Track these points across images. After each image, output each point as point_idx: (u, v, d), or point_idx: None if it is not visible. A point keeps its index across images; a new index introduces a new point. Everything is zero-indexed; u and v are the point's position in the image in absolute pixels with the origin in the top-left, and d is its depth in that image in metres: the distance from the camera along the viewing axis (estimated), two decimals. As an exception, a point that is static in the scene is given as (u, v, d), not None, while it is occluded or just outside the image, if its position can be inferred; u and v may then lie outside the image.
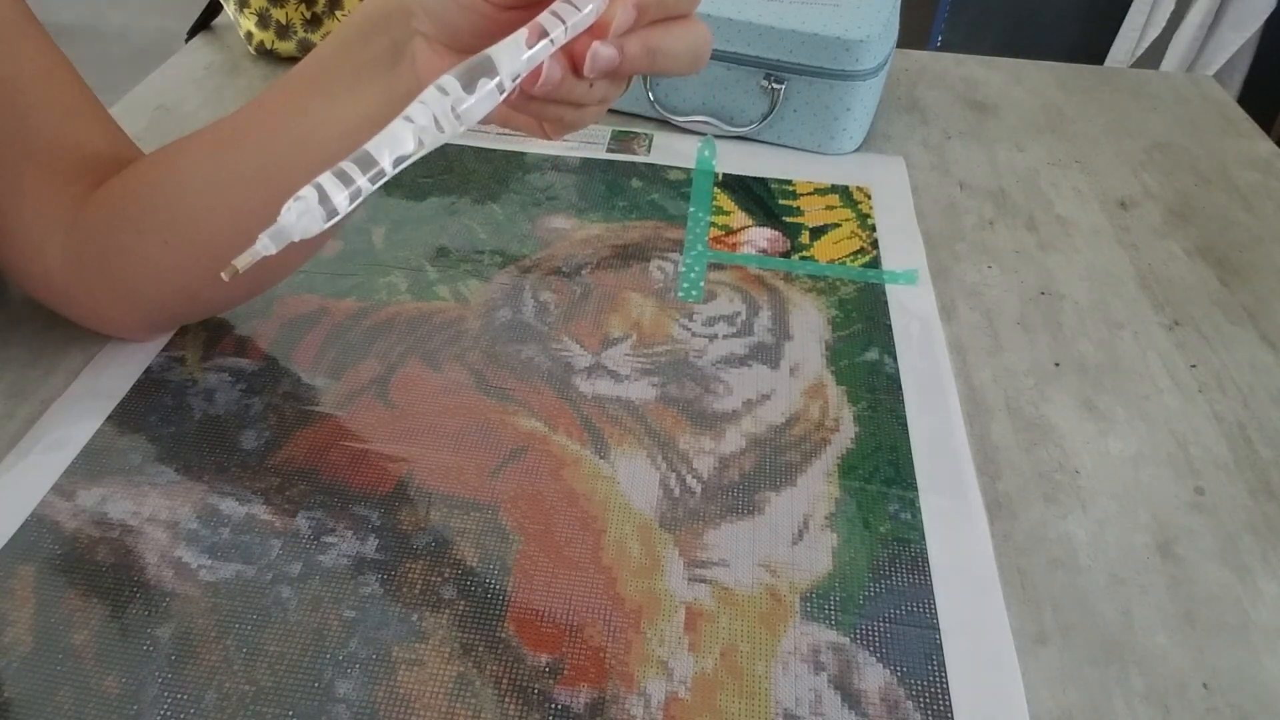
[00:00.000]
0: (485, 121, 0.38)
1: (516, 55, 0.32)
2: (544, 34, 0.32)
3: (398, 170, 0.31)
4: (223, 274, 0.29)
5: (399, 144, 0.31)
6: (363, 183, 0.30)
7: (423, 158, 0.32)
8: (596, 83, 0.35)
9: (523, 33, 0.32)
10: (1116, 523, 0.45)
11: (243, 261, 0.29)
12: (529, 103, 0.35)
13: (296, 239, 0.29)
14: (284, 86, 0.42)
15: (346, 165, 0.30)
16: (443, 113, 0.31)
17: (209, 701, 0.36)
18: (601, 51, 0.33)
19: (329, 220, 0.30)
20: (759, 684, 0.37)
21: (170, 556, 0.41)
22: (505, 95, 0.32)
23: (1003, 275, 0.60)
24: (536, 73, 0.33)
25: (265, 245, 0.29)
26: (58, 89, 0.47)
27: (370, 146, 0.30)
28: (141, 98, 0.75)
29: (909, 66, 0.84)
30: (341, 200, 0.30)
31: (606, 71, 0.34)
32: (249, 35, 0.79)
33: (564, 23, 0.32)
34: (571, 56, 0.33)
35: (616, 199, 0.65)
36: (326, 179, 0.30)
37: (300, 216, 0.29)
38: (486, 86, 0.32)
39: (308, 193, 0.29)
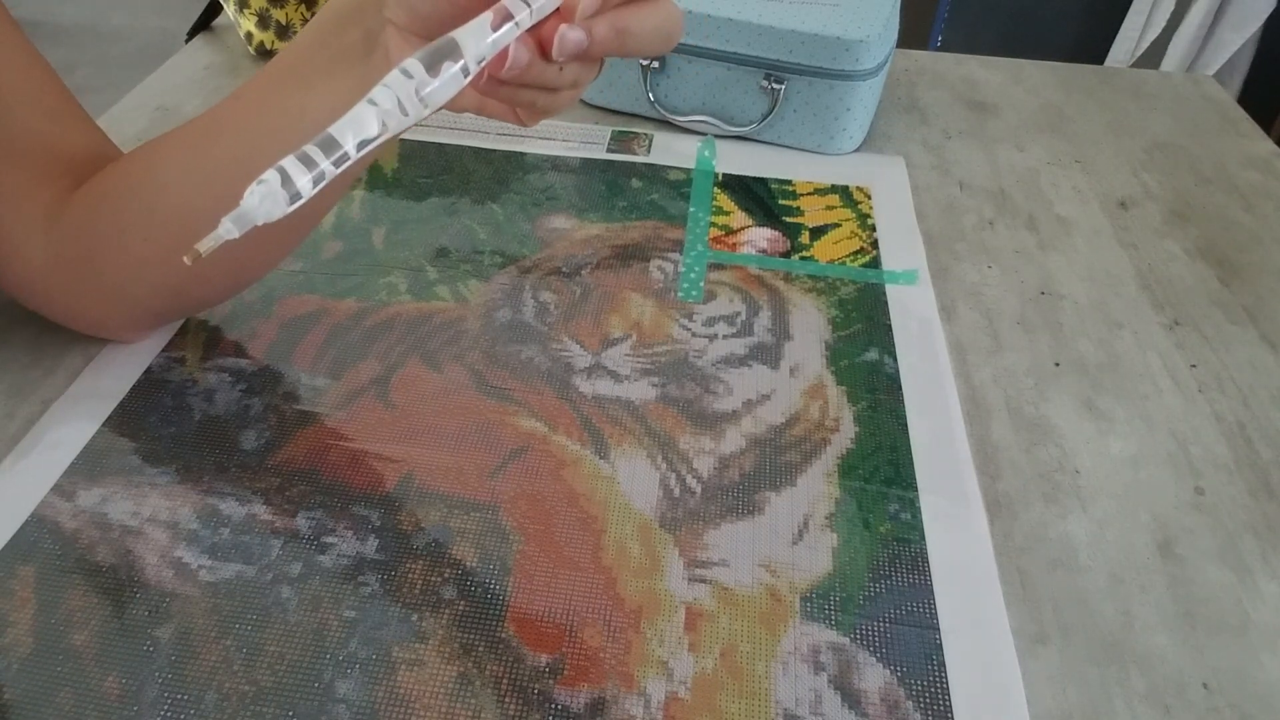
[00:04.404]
0: (459, 109, 0.38)
1: (481, 38, 0.32)
2: (509, 17, 0.32)
3: (362, 154, 0.31)
4: (185, 258, 0.29)
5: (362, 127, 0.31)
6: (326, 166, 0.30)
7: (422, 157, 0.32)
8: (567, 66, 0.35)
9: (488, 16, 0.32)
10: (1116, 523, 0.45)
11: (205, 245, 0.29)
12: (499, 87, 0.35)
13: (260, 222, 0.29)
14: (261, 79, 0.42)
15: (310, 149, 0.30)
16: (406, 96, 0.31)
17: (209, 702, 0.36)
18: (569, 34, 0.33)
19: (292, 203, 0.30)
20: (759, 684, 0.37)
21: (170, 557, 0.41)
22: (470, 78, 0.32)
23: (1003, 275, 0.60)
24: (503, 56, 0.33)
25: (228, 229, 0.29)
26: (35, 90, 0.47)
27: (334, 130, 0.30)
28: (141, 98, 0.75)
29: (909, 66, 0.84)
30: (305, 183, 0.30)
31: (575, 54, 0.34)
32: (249, 36, 0.79)
33: (529, 6, 0.32)
34: (540, 40, 0.34)
35: (616, 199, 0.65)
36: (289, 162, 0.29)
37: (263, 200, 0.29)
38: (451, 70, 0.32)
39: (270, 176, 0.29)
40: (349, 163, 0.31)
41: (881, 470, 0.46)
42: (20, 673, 0.37)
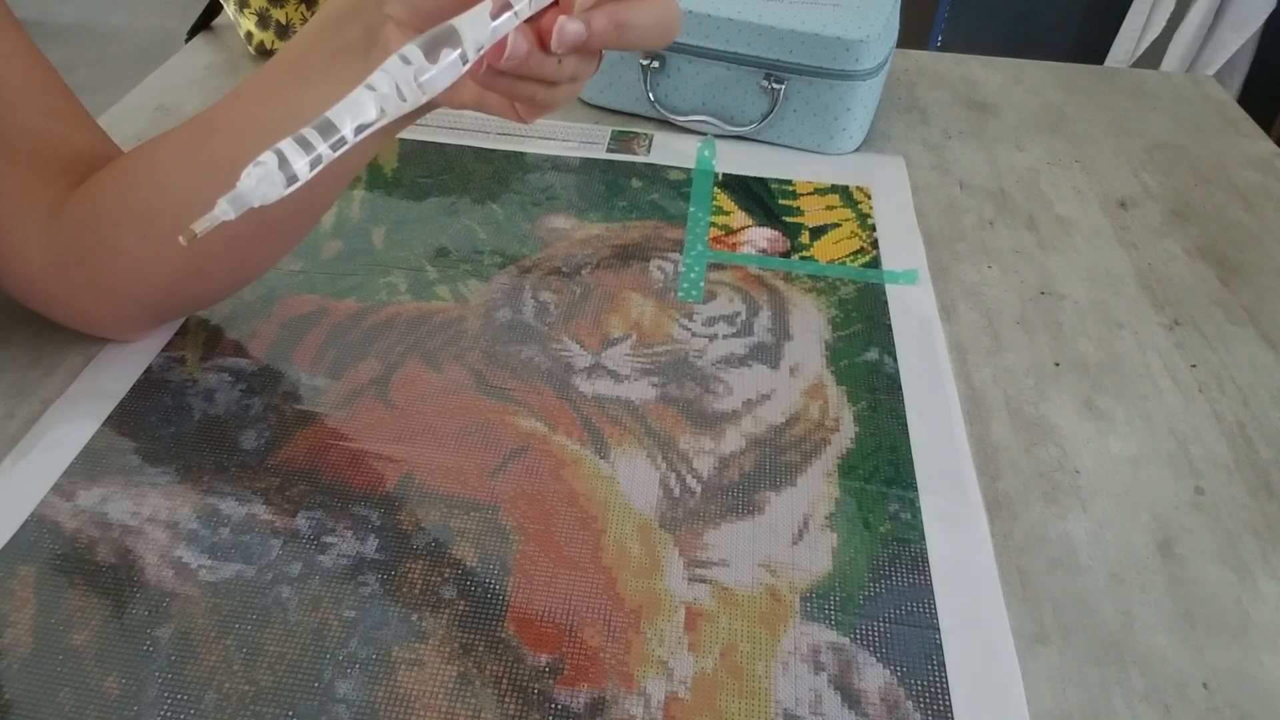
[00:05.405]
0: (459, 105, 0.38)
1: (480, 26, 0.32)
2: (508, 6, 0.32)
3: (359, 139, 0.31)
4: (180, 238, 0.29)
5: (361, 111, 0.31)
6: (323, 149, 0.30)
7: (422, 157, 0.32)
8: (566, 59, 0.35)
9: (487, 4, 0.32)
10: (1116, 523, 0.45)
11: (200, 226, 0.29)
12: (498, 79, 0.35)
13: (256, 204, 0.29)
14: (260, 77, 0.42)
15: (307, 132, 0.30)
16: (405, 81, 0.31)
17: (209, 702, 0.36)
18: (568, 26, 0.33)
19: (289, 186, 0.30)
20: (759, 684, 0.37)
21: (170, 556, 0.41)
22: (468, 66, 0.32)
23: (1003, 275, 0.60)
24: (502, 46, 0.33)
25: (224, 210, 0.29)
26: (37, 89, 0.47)
27: (332, 114, 0.30)
28: (141, 98, 0.75)
29: (909, 66, 0.84)
30: (302, 166, 0.30)
31: (574, 46, 0.34)
32: (249, 35, 0.79)
33: None
34: (539, 32, 0.34)
35: (616, 199, 0.65)
36: (287, 144, 0.29)
37: (260, 182, 0.29)
38: (449, 56, 0.32)
39: (267, 158, 0.29)
40: (346, 147, 0.31)
41: (881, 470, 0.46)
42: (20, 672, 0.37)
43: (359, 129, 0.31)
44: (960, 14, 1.72)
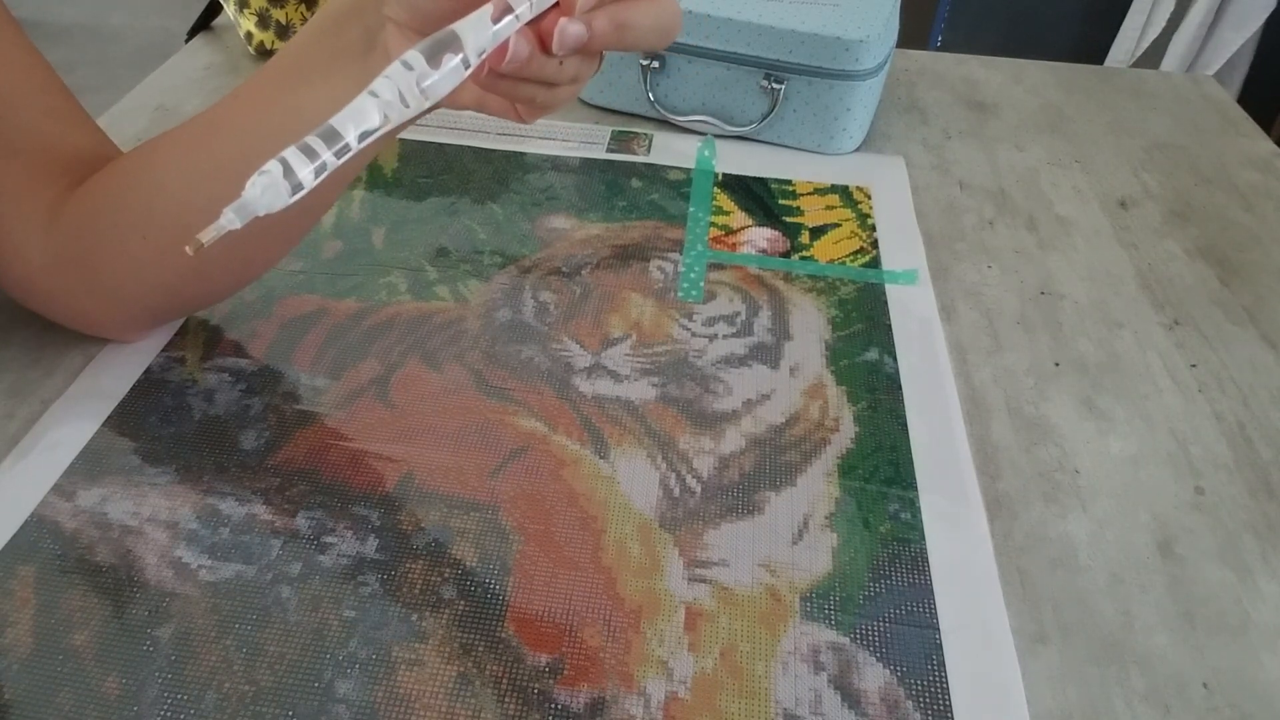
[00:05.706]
0: (459, 106, 0.38)
1: (482, 30, 0.32)
2: (509, 9, 0.32)
3: (363, 145, 0.31)
4: (186, 248, 0.29)
5: (364, 118, 0.31)
6: (328, 157, 0.30)
7: (422, 157, 0.32)
8: (567, 61, 0.35)
9: (488, 8, 0.32)
10: (1116, 522, 0.45)
11: (207, 235, 0.29)
12: (500, 82, 0.35)
13: (261, 213, 0.29)
14: (259, 78, 0.42)
15: (311, 140, 0.30)
16: (407, 87, 0.31)
17: (209, 702, 0.36)
18: (569, 28, 0.33)
19: (294, 194, 0.30)
20: (759, 684, 0.37)
21: (170, 557, 0.41)
22: (470, 71, 0.32)
23: (1003, 275, 0.60)
24: (503, 50, 0.33)
25: (230, 220, 0.29)
26: (36, 89, 0.47)
27: (335, 121, 0.30)
28: (141, 98, 0.75)
29: (909, 66, 0.84)
30: (306, 174, 0.30)
31: (575, 48, 0.34)
32: (249, 36, 0.79)
33: None
34: (540, 34, 0.34)
35: (616, 199, 0.65)
36: (291, 153, 0.30)
37: (265, 191, 0.29)
38: (451, 62, 0.32)
39: (272, 166, 0.29)
40: (350, 154, 0.31)
41: (881, 470, 0.46)
42: (20, 673, 0.37)
43: (362, 135, 0.31)
44: (960, 14, 1.72)
